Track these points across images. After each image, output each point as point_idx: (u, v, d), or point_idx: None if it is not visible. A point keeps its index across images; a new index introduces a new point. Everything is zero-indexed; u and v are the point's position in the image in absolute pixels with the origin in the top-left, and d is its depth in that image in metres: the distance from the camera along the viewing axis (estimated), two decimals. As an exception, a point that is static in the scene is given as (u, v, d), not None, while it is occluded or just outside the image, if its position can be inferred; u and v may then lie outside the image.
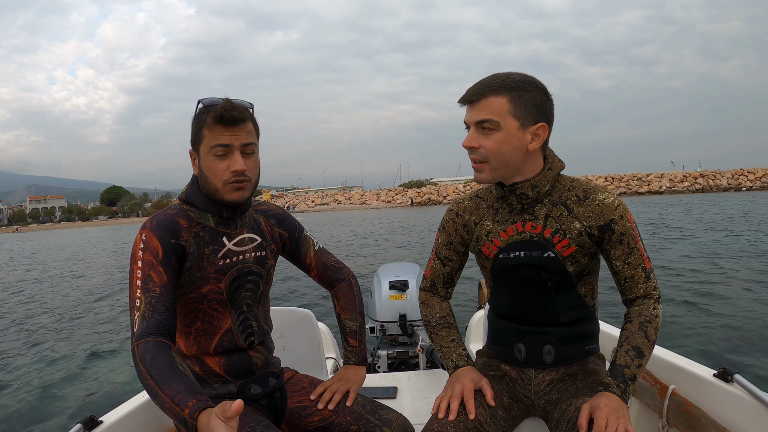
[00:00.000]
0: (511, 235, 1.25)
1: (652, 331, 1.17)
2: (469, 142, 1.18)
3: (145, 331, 1.04)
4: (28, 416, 3.91)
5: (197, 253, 1.21)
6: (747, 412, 1.26)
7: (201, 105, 1.21)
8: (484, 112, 1.15)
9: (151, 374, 0.97)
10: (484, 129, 1.16)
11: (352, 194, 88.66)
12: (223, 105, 1.16)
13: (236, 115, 1.16)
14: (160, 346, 1.03)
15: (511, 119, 1.14)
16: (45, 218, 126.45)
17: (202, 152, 1.20)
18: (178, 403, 0.91)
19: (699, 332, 4.86)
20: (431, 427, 1.16)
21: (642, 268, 1.21)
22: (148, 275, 1.11)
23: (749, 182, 64.53)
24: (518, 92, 1.15)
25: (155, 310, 1.08)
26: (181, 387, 0.94)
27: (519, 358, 1.32)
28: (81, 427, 1.30)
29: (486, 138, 1.16)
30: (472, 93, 1.17)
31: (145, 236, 1.16)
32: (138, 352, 1.02)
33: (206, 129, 1.18)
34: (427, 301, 1.44)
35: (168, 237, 1.17)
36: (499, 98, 1.14)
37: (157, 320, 1.07)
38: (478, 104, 1.16)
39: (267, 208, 1.43)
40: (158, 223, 1.18)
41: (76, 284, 11.76)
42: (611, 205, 1.19)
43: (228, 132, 1.17)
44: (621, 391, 1.10)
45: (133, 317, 1.08)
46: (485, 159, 1.18)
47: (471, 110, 1.18)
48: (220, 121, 1.16)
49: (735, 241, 11.66)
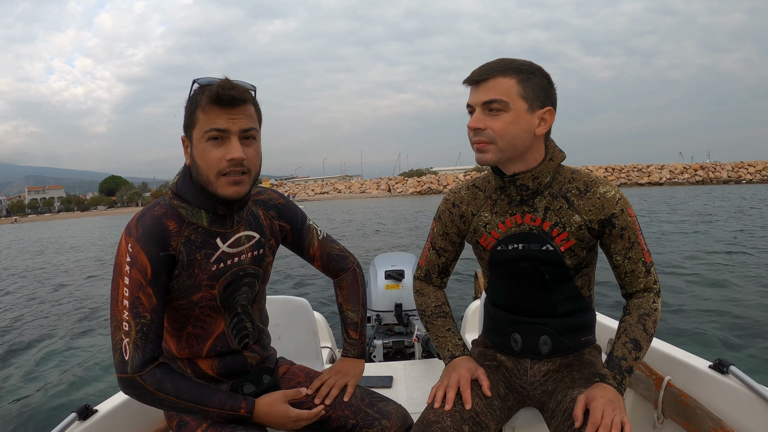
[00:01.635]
0: (509, 227, 1.24)
1: (651, 324, 1.17)
2: (476, 123, 1.14)
3: (143, 361, 1.04)
4: (22, 405, 3.91)
5: (187, 260, 1.11)
6: (742, 404, 1.27)
7: (196, 85, 1.07)
8: (493, 92, 1.12)
9: (185, 399, 1.06)
10: (492, 110, 1.13)
11: (352, 183, 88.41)
12: (220, 83, 1.02)
13: (235, 94, 1.02)
14: (167, 370, 1.07)
15: (520, 101, 1.12)
16: (44, 209, 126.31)
17: (195, 138, 1.06)
18: (230, 409, 1.10)
19: (694, 323, 4.88)
20: (427, 416, 1.16)
21: (642, 262, 1.20)
22: (137, 297, 1.04)
23: (749, 175, 64.53)
24: (526, 75, 1.13)
25: (147, 338, 1.05)
26: (223, 397, 1.10)
27: (515, 349, 1.31)
28: (75, 416, 1.30)
29: (493, 119, 1.13)
30: (480, 73, 1.14)
31: (131, 248, 1.05)
32: (148, 383, 1.04)
33: (200, 111, 1.04)
34: (422, 290, 1.43)
35: (156, 251, 1.06)
36: (507, 79, 1.12)
37: (151, 348, 1.05)
38: (486, 84, 1.13)
39: (267, 198, 1.31)
40: (145, 231, 1.06)
41: (72, 273, 11.77)
42: (612, 198, 1.18)
43: (225, 114, 1.03)
44: (617, 383, 1.10)
45: (120, 341, 1.04)
46: (491, 140, 1.14)
47: (477, 91, 1.14)
48: (217, 102, 1.02)
49: (735, 233, 11.67)
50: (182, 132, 1.12)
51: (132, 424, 1.44)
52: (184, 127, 1.10)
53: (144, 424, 1.48)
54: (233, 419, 1.11)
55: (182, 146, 1.13)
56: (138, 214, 1.10)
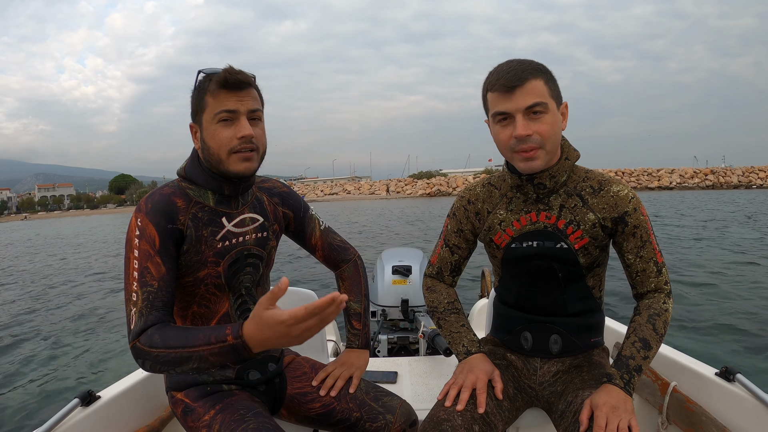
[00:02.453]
0: (524, 225, 1.25)
1: (661, 324, 1.17)
2: (525, 129, 1.11)
3: (142, 328, 1.02)
4: (25, 392, 3.95)
5: (195, 236, 1.15)
6: (748, 412, 1.26)
7: (201, 74, 1.14)
8: (532, 95, 1.10)
9: (171, 345, 0.97)
10: (534, 113, 1.11)
11: (362, 184, 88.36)
12: (227, 69, 1.10)
13: (242, 78, 1.10)
14: (160, 326, 1.02)
15: (552, 101, 1.13)
16: (54, 206, 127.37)
17: (205, 121, 1.12)
18: (217, 340, 0.94)
19: (702, 330, 4.84)
20: (437, 413, 1.16)
21: (654, 262, 1.20)
22: (146, 267, 1.06)
23: (759, 180, 63.86)
24: (548, 74, 1.14)
25: (153, 306, 1.04)
26: (207, 331, 0.96)
27: (525, 347, 1.32)
28: (78, 402, 1.29)
29: (537, 123, 1.11)
30: (514, 78, 1.10)
31: (140, 221, 1.09)
32: (141, 343, 1.00)
33: (209, 96, 1.11)
34: (433, 287, 1.42)
35: (164, 222, 1.11)
36: (538, 81, 1.12)
37: (155, 317, 1.03)
38: (523, 89, 1.10)
39: (271, 186, 1.35)
40: (153, 206, 1.11)
41: (76, 263, 11.84)
42: (626, 197, 1.19)
43: (234, 97, 1.11)
44: (624, 383, 1.09)
45: (129, 312, 1.05)
46: (540, 145, 1.13)
47: (514, 96, 1.11)
48: (225, 86, 1.10)
49: (745, 240, 11.55)
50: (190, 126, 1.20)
51: (135, 410, 1.44)
52: (192, 114, 1.17)
53: (147, 411, 1.48)
54: (227, 353, 0.94)
55: (191, 133, 1.19)
56: (147, 194, 1.17)
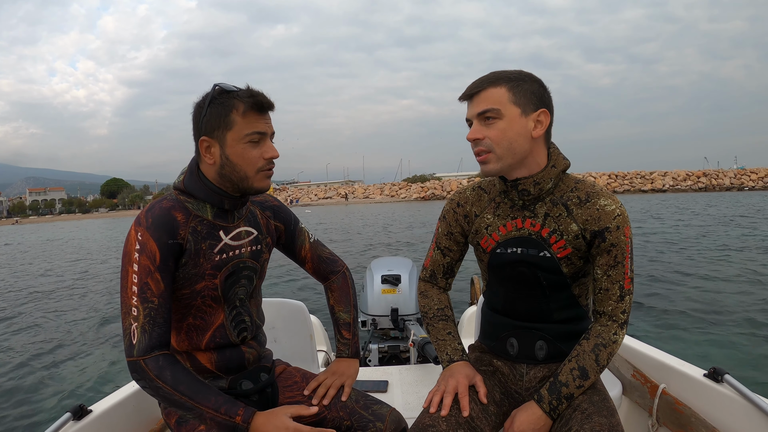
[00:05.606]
0: (509, 231, 1.25)
1: (605, 356, 1.17)
2: (473, 134, 1.19)
3: (148, 345, 1.06)
4: (17, 406, 3.91)
5: (194, 249, 1.17)
6: (736, 412, 1.27)
7: (219, 89, 1.15)
8: (484, 103, 1.16)
9: (180, 391, 1.06)
10: (487, 119, 1.17)
11: (355, 188, 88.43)
12: (253, 92, 1.16)
13: (270, 102, 1.17)
14: (171, 360, 1.08)
15: (512, 107, 1.15)
16: (45, 210, 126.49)
17: (231, 140, 1.15)
18: (226, 413, 1.07)
19: (689, 332, 4.87)
20: (422, 421, 1.16)
21: (620, 286, 1.19)
22: (146, 283, 1.09)
23: (751, 182, 64.51)
24: (516, 82, 1.17)
25: (155, 322, 1.08)
26: (221, 399, 1.08)
27: (511, 353, 1.32)
28: (70, 416, 1.29)
29: (489, 128, 1.17)
30: (472, 87, 1.20)
31: (141, 236, 1.11)
32: (149, 368, 1.05)
33: (237, 115, 1.14)
34: (426, 292, 1.43)
35: (166, 237, 1.12)
36: (498, 89, 1.16)
37: (158, 333, 1.08)
38: (478, 97, 1.18)
39: (263, 199, 1.40)
40: (154, 221, 1.13)
41: (67, 274, 11.77)
42: (611, 213, 1.17)
43: (262, 119, 1.17)
44: (550, 408, 1.14)
45: (129, 326, 1.07)
46: (489, 149, 1.18)
47: (471, 104, 1.20)
48: (257, 108, 1.15)
49: (734, 240, 11.64)
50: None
51: (127, 424, 1.44)
52: (208, 128, 1.15)
53: (139, 424, 1.48)
54: (226, 426, 1.08)
55: (200, 147, 1.18)
56: (147, 207, 1.18)
